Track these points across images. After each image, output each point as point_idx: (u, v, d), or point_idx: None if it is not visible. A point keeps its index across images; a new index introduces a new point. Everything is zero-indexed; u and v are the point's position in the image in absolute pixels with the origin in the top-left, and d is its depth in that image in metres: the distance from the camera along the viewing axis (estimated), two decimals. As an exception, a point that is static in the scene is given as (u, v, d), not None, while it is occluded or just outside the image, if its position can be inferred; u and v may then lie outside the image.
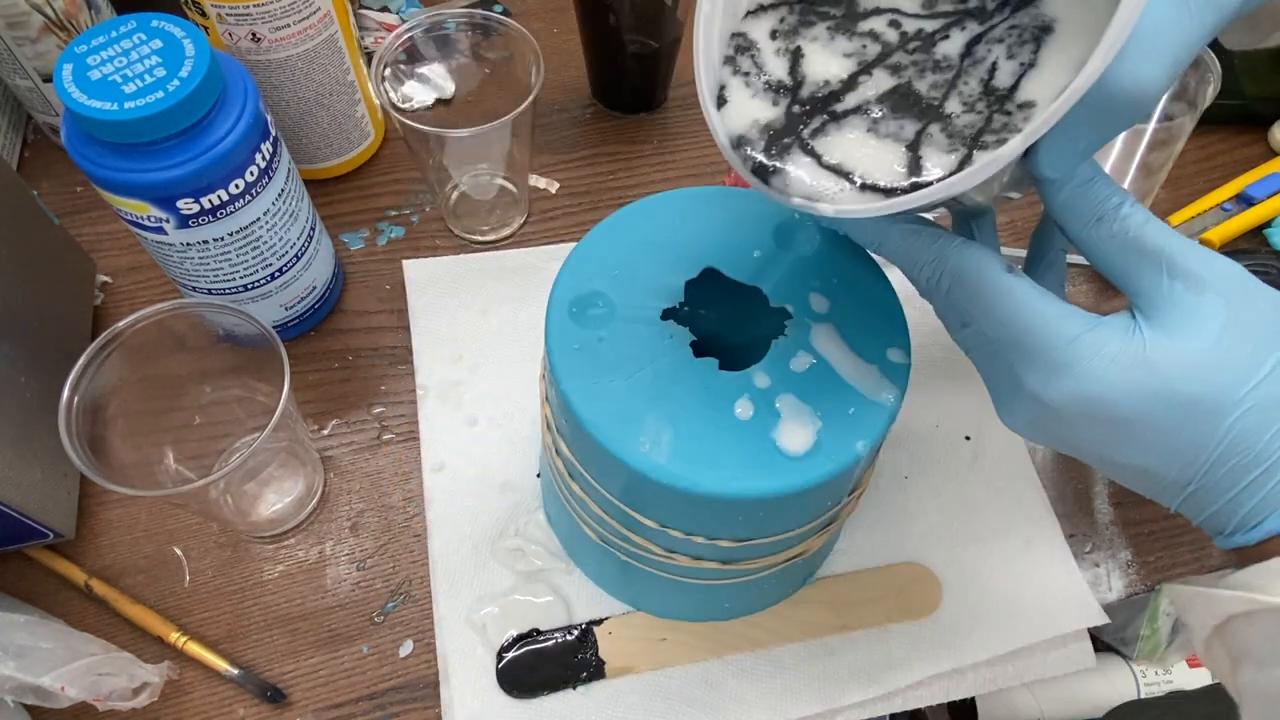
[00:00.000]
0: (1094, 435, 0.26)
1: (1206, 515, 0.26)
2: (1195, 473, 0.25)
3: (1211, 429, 0.24)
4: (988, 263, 0.26)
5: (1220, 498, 0.25)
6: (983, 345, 0.28)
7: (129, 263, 0.50)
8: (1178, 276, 0.24)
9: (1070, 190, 0.25)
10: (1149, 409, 0.24)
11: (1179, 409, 0.24)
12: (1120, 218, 0.25)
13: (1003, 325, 0.25)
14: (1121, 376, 0.24)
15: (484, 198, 0.52)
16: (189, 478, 0.40)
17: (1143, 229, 0.25)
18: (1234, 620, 0.25)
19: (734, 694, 0.38)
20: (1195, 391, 0.24)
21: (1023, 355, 0.25)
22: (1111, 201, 0.25)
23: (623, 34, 0.51)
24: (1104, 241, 0.25)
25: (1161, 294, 0.25)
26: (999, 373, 0.28)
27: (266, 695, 0.38)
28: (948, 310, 0.28)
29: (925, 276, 0.27)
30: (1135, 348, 0.24)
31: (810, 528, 0.32)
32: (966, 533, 0.43)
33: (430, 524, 0.42)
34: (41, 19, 0.44)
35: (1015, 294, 0.25)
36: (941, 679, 0.40)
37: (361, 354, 0.47)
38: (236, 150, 0.36)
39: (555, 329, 0.30)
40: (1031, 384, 0.26)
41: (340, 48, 0.46)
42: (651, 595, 0.39)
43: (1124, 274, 0.25)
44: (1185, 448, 0.24)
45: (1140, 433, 0.25)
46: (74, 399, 0.34)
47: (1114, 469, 0.27)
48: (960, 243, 0.26)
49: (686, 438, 0.28)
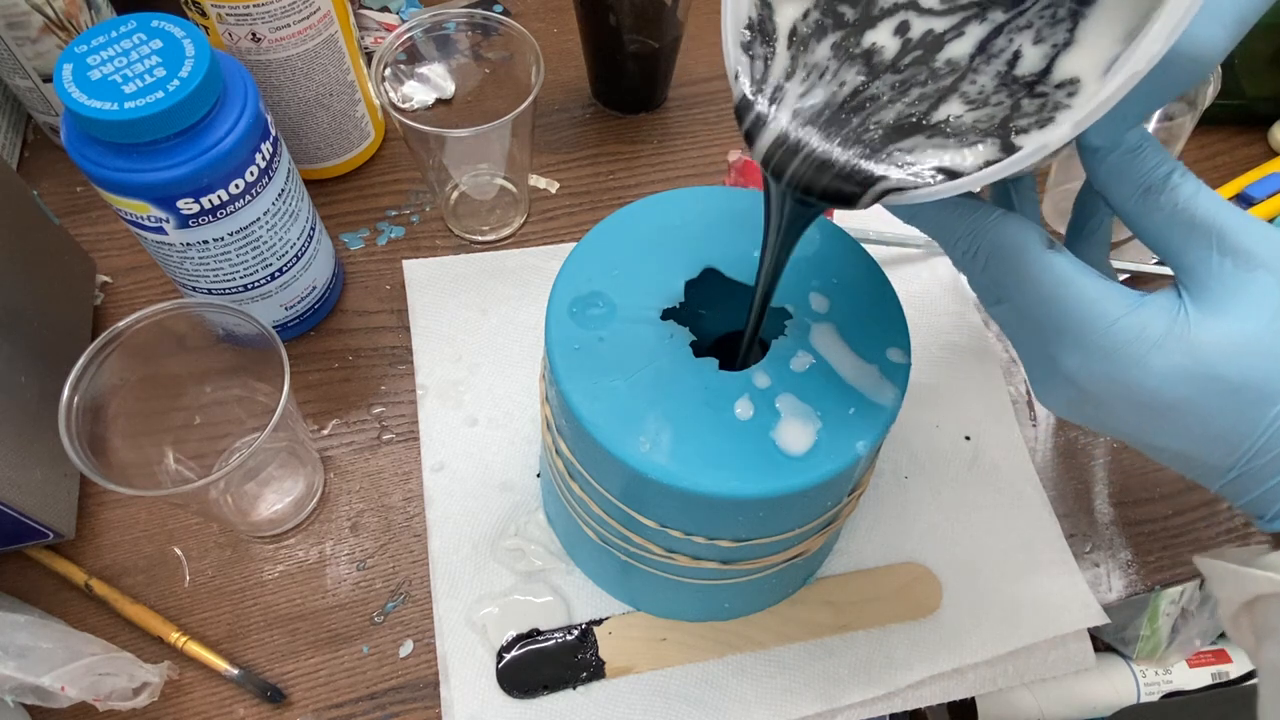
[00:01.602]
0: (1133, 419, 0.25)
1: (1248, 500, 0.25)
2: (1238, 459, 0.24)
3: (1257, 416, 0.23)
4: (1026, 237, 0.24)
5: (1262, 484, 0.24)
6: (1019, 322, 0.26)
7: (129, 263, 0.50)
8: (1228, 253, 0.23)
9: (1116, 159, 0.24)
10: (1192, 395, 0.23)
11: (1223, 395, 0.23)
12: (1169, 188, 0.23)
13: (1040, 304, 0.24)
14: (1164, 362, 0.23)
15: (484, 198, 0.52)
16: (189, 478, 0.40)
17: (1192, 200, 0.23)
18: (1263, 599, 0.25)
19: (734, 694, 0.39)
20: (1241, 377, 0.23)
21: (1060, 336, 0.24)
22: (1160, 171, 0.24)
23: (623, 34, 0.51)
24: (1150, 214, 0.24)
25: (1210, 271, 0.23)
26: (1035, 351, 0.26)
27: (266, 695, 0.38)
28: (983, 285, 0.27)
29: (960, 250, 0.26)
30: (1180, 329, 0.23)
31: (810, 528, 0.32)
32: (966, 533, 0.43)
33: (430, 524, 0.42)
34: (41, 19, 0.44)
35: (1054, 271, 0.24)
36: (941, 679, 0.40)
37: (361, 354, 0.47)
38: (236, 150, 0.36)
39: (555, 329, 0.30)
40: (1069, 366, 0.25)
41: (340, 48, 0.46)
42: (651, 595, 0.39)
43: (1171, 249, 0.24)
44: (1228, 434, 0.23)
45: (1182, 418, 0.24)
46: (74, 399, 0.34)
47: (1153, 451, 0.26)
48: (998, 215, 0.25)
49: (686, 438, 0.28)
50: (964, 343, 0.49)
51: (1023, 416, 0.47)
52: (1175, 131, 0.46)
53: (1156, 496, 0.45)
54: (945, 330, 0.49)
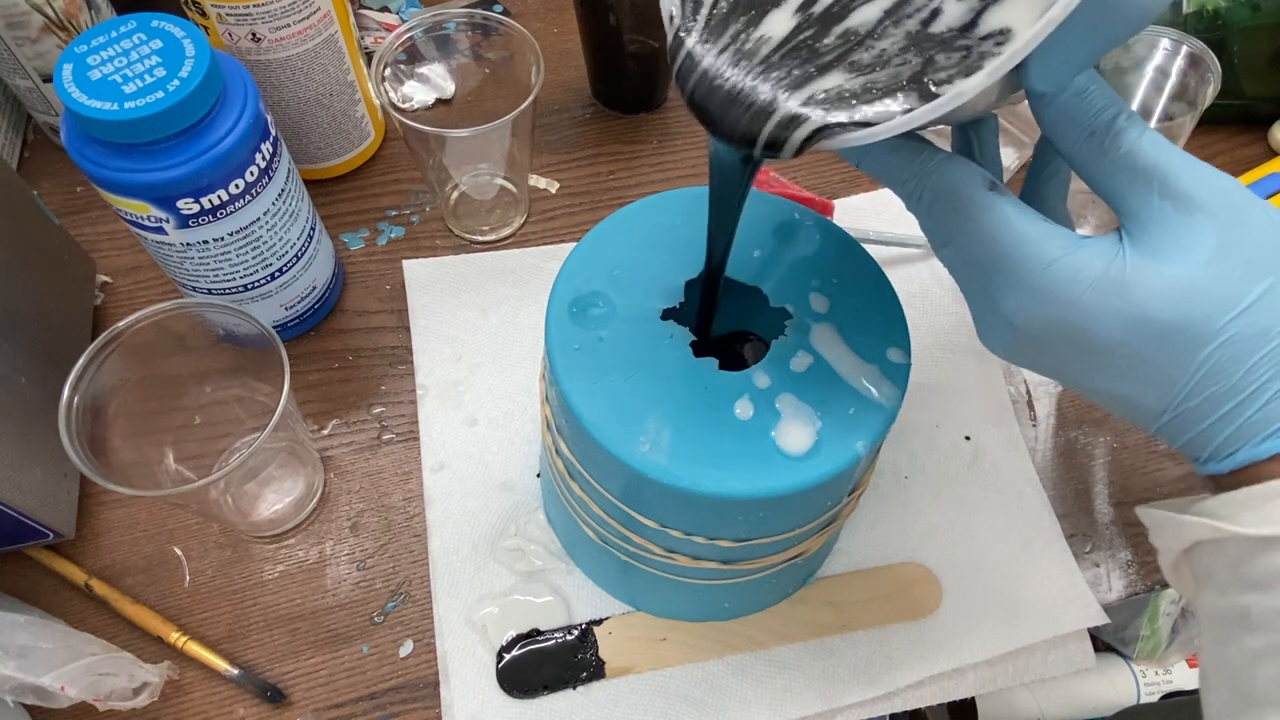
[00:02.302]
0: (1070, 361, 0.25)
1: (1183, 441, 0.25)
2: (1171, 401, 0.24)
3: (1189, 358, 0.23)
4: (968, 179, 0.24)
5: (1195, 426, 0.24)
6: (963, 265, 0.26)
7: (129, 263, 0.50)
8: (1168, 196, 0.23)
9: (1062, 102, 0.24)
10: (1125, 337, 0.23)
11: (1155, 338, 0.23)
12: (1114, 132, 0.23)
13: (980, 245, 0.24)
14: (1098, 303, 0.23)
15: (484, 198, 0.52)
16: (189, 478, 0.40)
17: (1136, 144, 0.23)
18: (1200, 545, 0.25)
19: (734, 694, 0.39)
20: (1173, 319, 0.23)
21: (1000, 277, 0.24)
22: (1105, 115, 0.23)
23: (623, 34, 0.51)
24: (1096, 158, 0.24)
25: (1150, 215, 0.23)
26: (978, 294, 0.26)
27: (266, 695, 0.38)
28: (930, 227, 0.27)
29: (906, 193, 0.26)
30: (1115, 272, 0.23)
31: (810, 528, 0.32)
32: (966, 533, 0.43)
33: (430, 524, 0.42)
34: (41, 19, 0.44)
35: (995, 213, 0.24)
36: (941, 679, 0.40)
37: (361, 354, 0.47)
38: (236, 150, 0.36)
39: (555, 329, 0.30)
40: (1007, 307, 0.25)
41: (340, 48, 0.46)
42: (651, 595, 0.39)
43: (1115, 193, 0.24)
44: (1161, 376, 0.24)
45: (1116, 360, 0.24)
46: (74, 399, 0.34)
47: (1091, 394, 0.26)
48: (942, 158, 0.25)
49: (686, 438, 0.28)
50: (964, 343, 0.49)
51: (1023, 416, 0.47)
52: (1175, 131, 0.46)
53: (1156, 496, 0.45)
54: (945, 330, 0.49)
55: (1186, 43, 0.47)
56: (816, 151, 0.23)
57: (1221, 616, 0.25)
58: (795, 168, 0.55)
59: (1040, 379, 0.48)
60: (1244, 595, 0.24)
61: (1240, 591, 0.24)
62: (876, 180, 0.27)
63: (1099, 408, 0.47)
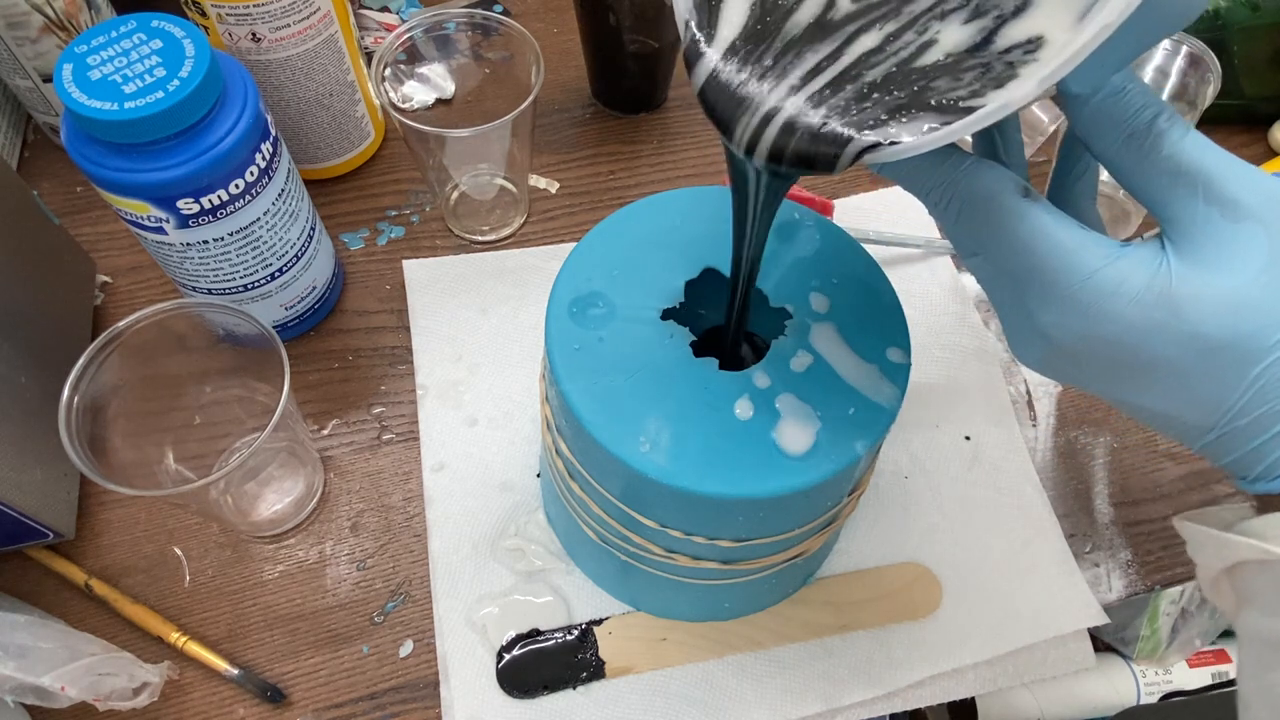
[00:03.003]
0: (1110, 377, 0.24)
1: (1229, 460, 0.24)
2: (1218, 420, 0.23)
3: (1239, 375, 0.22)
4: (1000, 185, 0.23)
5: (1244, 446, 0.23)
6: (994, 275, 0.25)
7: (129, 263, 0.50)
8: (1214, 202, 0.22)
9: (1097, 103, 0.22)
10: (1170, 353, 0.22)
11: (1203, 354, 0.22)
12: (1154, 134, 0.22)
13: (1014, 255, 0.23)
14: (1142, 318, 0.22)
15: (484, 198, 0.52)
16: (189, 478, 0.40)
17: (1178, 146, 0.22)
18: (1245, 565, 0.24)
19: (734, 694, 0.39)
20: (1222, 336, 0.22)
21: (1036, 289, 0.23)
22: (1144, 115, 0.22)
23: (623, 34, 0.51)
24: (1134, 161, 0.22)
25: (1195, 222, 0.22)
26: (1011, 304, 0.25)
27: (266, 695, 0.38)
28: (958, 236, 0.25)
29: (933, 201, 0.25)
30: (1160, 284, 0.22)
31: (810, 528, 0.32)
32: (966, 533, 0.43)
33: (430, 524, 0.42)
34: (41, 19, 0.44)
35: (1029, 221, 0.22)
36: (941, 679, 0.40)
37: (361, 354, 0.47)
38: (236, 150, 0.36)
39: (555, 329, 0.30)
40: (1044, 321, 0.23)
41: (340, 48, 0.46)
42: (651, 595, 0.39)
43: (1156, 198, 0.23)
44: (1208, 395, 0.23)
45: (1161, 377, 0.23)
46: (74, 399, 0.34)
47: (1132, 410, 0.25)
48: (971, 163, 0.23)
49: (686, 438, 0.28)
50: (964, 343, 0.49)
51: (1023, 416, 0.47)
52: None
53: (1156, 496, 0.45)
54: (945, 330, 0.49)
55: (1186, 43, 0.47)
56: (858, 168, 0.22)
57: (1265, 639, 0.24)
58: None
59: (1041, 379, 0.48)
60: None
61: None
62: (902, 187, 0.26)
63: (1099, 408, 0.47)
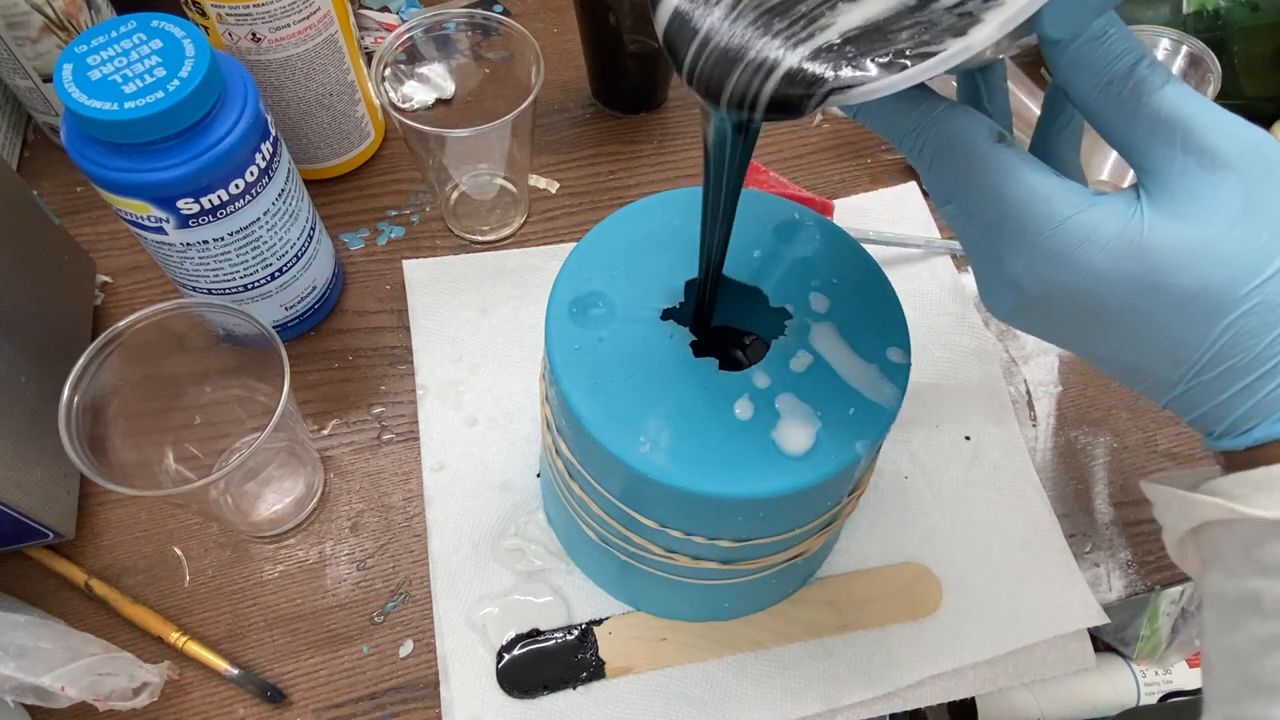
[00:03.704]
0: (1078, 327, 0.24)
1: (1195, 415, 0.24)
2: (1185, 372, 0.23)
3: (1207, 327, 0.22)
4: (974, 131, 0.23)
5: (1211, 400, 0.23)
6: (966, 223, 0.25)
7: (129, 263, 0.50)
8: (1192, 151, 0.21)
9: (1077, 48, 0.22)
10: (1139, 304, 0.22)
11: (1172, 305, 0.22)
12: (1133, 80, 0.21)
13: (986, 201, 0.23)
14: (1112, 267, 0.22)
15: (484, 198, 0.52)
16: (189, 478, 0.40)
17: (1159, 94, 0.21)
18: (1210, 525, 0.24)
19: (734, 694, 0.39)
20: (1191, 286, 0.21)
21: (1006, 236, 0.23)
22: (1124, 61, 0.21)
23: (623, 34, 0.51)
24: (1112, 108, 0.22)
25: (1171, 171, 0.21)
26: (982, 253, 0.25)
27: (266, 695, 0.38)
28: (932, 182, 0.25)
29: (907, 146, 0.24)
30: (1132, 233, 0.21)
31: (810, 528, 0.32)
32: (966, 533, 0.43)
33: (430, 524, 0.42)
34: (41, 19, 0.44)
35: (1001, 168, 0.22)
36: (941, 679, 0.40)
37: (361, 354, 0.47)
38: (236, 150, 0.36)
39: (555, 329, 0.30)
40: (1014, 269, 0.23)
41: (340, 48, 0.46)
42: (651, 595, 0.39)
43: (1133, 146, 0.22)
44: (1176, 346, 0.22)
45: (1128, 327, 0.23)
46: (74, 399, 0.34)
47: (1098, 362, 0.25)
48: (944, 108, 0.23)
49: (686, 438, 0.28)
50: (964, 343, 0.49)
51: (1023, 416, 0.47)
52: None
53: (1156, 496, 0.45)
54: (945, 330, 0.49)
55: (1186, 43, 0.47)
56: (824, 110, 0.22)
57: (1229, 600, 0.24)
58: (795, 168, 0.55)
59: (1040, 379, 0.48)
60: (1255, 580, 0.23)
61: (1251, 575, 0.23)
62: (876, 132, 0.25)
63: (1099, 407, 0.47)
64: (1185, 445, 0.47)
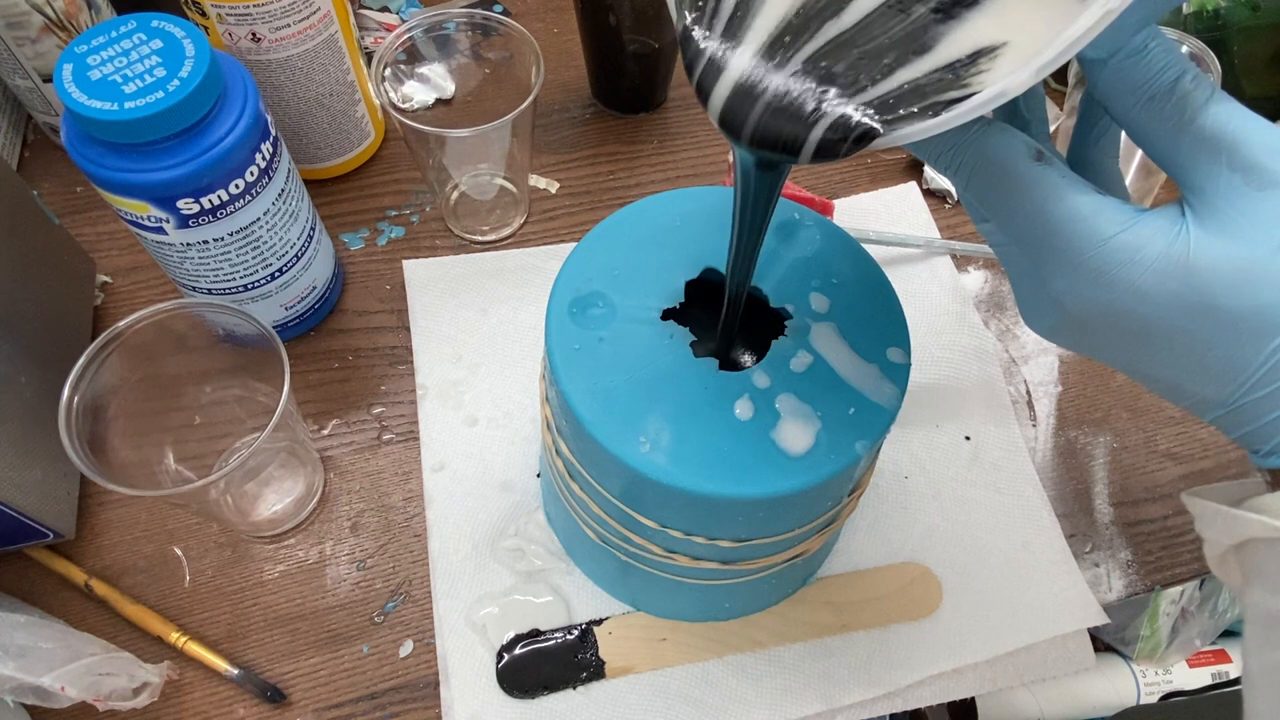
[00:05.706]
0: (1123, 346, 0.23)
1: (1241, 433, 0.23)
2: (1233, 392, 0.22)
3: (1257, 348, 0.21)
4: (1011, 150, 0.22)
5: (1259, 419, 0.22)
6: (1006, 240, 0.24)
7: (129, 263, 0.50)
8: (1239, 168, 0.21)
9: (1116, 64, 0.21)
10: (1185, 324, 0.21)
11: (1220, 326, 0.21)
12: (1176, 96, 0.21)
13: (1027, 220, 0.22)
14: (1157, 287, 0.21)
15: (484, 198, 0.52)
16: (189, 478, 0.40)
17: (1204, 110, 0.21)
18: (1254, 542, 0.24)
19: (734, 694, 0.39)
20: (1240, 307, 0.21)
21: (1048, 256, 0.22)
22: (1166, 76, 0.21)
23: (623, 34, 0.51)
24: (1155, 125, 0.22)
25: (1218, 188, 0.21)
26: (1023, 271, 0.24)
27: (266, 695, 0.38)
28: (969, 201, 0.25)
29: (943, 165, 0.24)
30: (1178, 252, 0.21)
31: (810, 528, 0.32)
32: (966, 533, 0.43)
33: (430, 524, 0.42)
34: (41, 19, 0.44)
35: (1042, 185, 0.22)
36: (941, 679, 0.40)
37: (361, 354, 0.47)
38: (236, 150, 0.36)
39: (555, 329, 0.30)
40: (1056, 289, 0.23)
41: (340, 48, 0.46)
42: (651, 595, 0.39)
43: (1177, 163, 0.22)
44: (1225, 366, 0.22)
45: (1175, 348, 0.22)
46: (74, 399, 0.34)
47: (1143, 380, 0.24)
48: (980, 127, 0.23)
49: (686, 438, 0.28)
50: (964, 343, 0.49)
51: (1023, 416, 0.47)
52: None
53: (1156, 496, 0.45)
54: (945, 330, 0.49)
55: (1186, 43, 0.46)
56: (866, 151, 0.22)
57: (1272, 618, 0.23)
58: (795, 168, 0.55)
59: (1040, 379, 0.48)
60: None
61: None
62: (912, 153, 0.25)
63: (1099, 407, 0.47)
64: (1185, 445, 0.47)
